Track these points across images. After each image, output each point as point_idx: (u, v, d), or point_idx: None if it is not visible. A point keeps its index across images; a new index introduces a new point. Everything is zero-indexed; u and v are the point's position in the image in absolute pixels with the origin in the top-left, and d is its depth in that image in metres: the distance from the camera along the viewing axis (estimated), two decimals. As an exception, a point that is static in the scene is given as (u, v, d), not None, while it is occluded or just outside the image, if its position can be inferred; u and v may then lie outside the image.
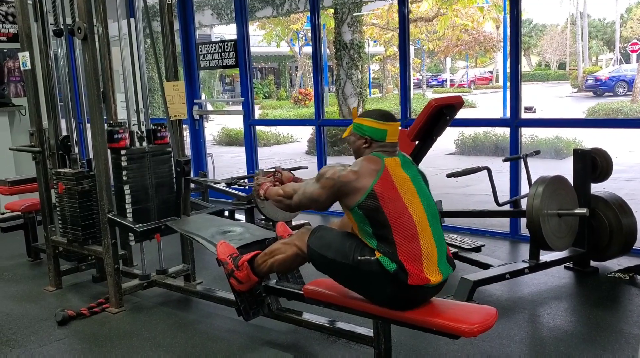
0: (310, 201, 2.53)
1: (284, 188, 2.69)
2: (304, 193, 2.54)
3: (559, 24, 39.78)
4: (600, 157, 3.93)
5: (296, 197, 2.58)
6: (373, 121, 2.46)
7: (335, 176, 2.40)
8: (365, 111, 2.58)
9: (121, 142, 3.51)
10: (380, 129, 2.45)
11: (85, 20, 3.35)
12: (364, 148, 2.48)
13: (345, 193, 2.38)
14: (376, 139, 2.45)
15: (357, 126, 2.50)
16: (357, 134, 2.50)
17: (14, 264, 4.72)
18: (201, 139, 7.00)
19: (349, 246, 2.41)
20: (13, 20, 6.23)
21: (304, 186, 2.57)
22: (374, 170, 2.37)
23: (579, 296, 3.63)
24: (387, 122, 2.46)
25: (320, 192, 2.46)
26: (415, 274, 2.29)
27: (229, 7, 10.06)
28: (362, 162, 2.41)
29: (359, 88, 11.60)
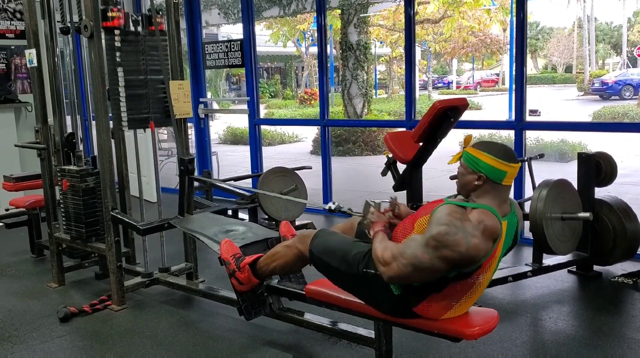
0: (421, 272, 2.07)
1: (384, 250, 2.15)
2: (412, 263, 2.05)
3: (566, 27, 39.69)
4: (605, 161, 3.92)
5: (396, 266, 2.09)
6: (492, 159, 2.11)
7: (462, 249, 1.98)
8: (483, 142, 2.22)
9: (115, 21, 3.44)
10: (500, 170, 2.11)
11: (91, 18, 3.36)
12: (476, 185, 2.14)
13: (467, 266, 2.06)
14: (491, 179, 2.12)
15: (472, 159, 2.15)
16: (470, 169, 2.16)
17: (18, 260, 4.74)
18: (206, 137, 7.01)
19: (353, 255, 2.35)
20: (21, 17, 6.25)
21: (408, 252, 2.08)
22: (493, 239, 2.06)
23: (582, 300, 3.62)
24: (509, 163, 2.12)
25: (437, 264, 2.03)
26: (428, 313, 2.21)
27: (236, 6, 10.07)
28: (486, 224, 2.04)
29: (364, 89, 11.61)
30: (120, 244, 3.64)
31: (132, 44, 3.55)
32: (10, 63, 6.37)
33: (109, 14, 3.40)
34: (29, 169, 5.44)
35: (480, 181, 2.13)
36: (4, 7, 6.26)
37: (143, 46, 3.59)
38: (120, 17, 3.44)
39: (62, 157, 3.97)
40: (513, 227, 2.18)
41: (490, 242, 2.05)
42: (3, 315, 3.60)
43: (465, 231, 2.00)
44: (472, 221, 2.04)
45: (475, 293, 2.22)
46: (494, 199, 2.13)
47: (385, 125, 10.23)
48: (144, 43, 3.59)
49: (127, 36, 3.52)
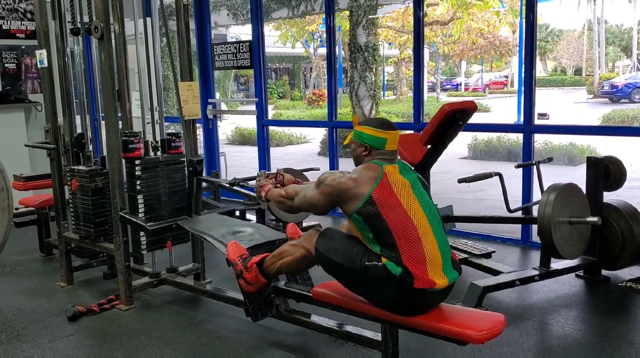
0: (310, 205, 2.60)
1: (287, 189, 2.74)
2: (304, 196, 2.61)
3: (575, 30, 39.52)
4: (614, 165, 3.90)
5: (297, 199, 2.65)
6: (373, 130, 2.51)
7: (334, 183, 2.45)
8: (365, 119, 2.61)
9: (136, 152, 3.55)
10: (380, 137, 2.49)
11: (102, 20, 3.38)
12: (364, 155, 2.53)
13: (344, 200, 2.43)
14: (376, 148, 2.50)
15: (357, 134, 2.55)
16: (357, 142, 2.55)
17: (27, 259, 4.77)
18: (214, 138, 7.03)
19: (356, 251, 2.42)
20: (31, 18, 6.30)
21: (304, 190, 2.63)
22: (372, 177, 2.40)
23: (590, 305, 3.61)
24: (386, 131, 2.50)
25: (319, 198, 2.52)
26: (421, 277, 2.30)
27: (245, 7, 10.09)
28: (361, 169, 2.46)
29: (372, 90, 11.59)
30: (128, 244, 3.66)
31: (152, 170, 3.64)
32: (21, 63, 6.42)
33: (130, 146, 3.52)
34: (39, 169, 5.48)
35: (367, 151, 2.52)
36: (15, 8, 6.31)
37: (162, 171, 3.68)
38: (140, 148, 3.56)
39: (72, 157, 4.00)
40: (407, 168, 2.52)
41: (367, 180, 2.39)
42: (12, 314, 3.63)
43: (338, 174, 2.49)
44: (351, 171, 2.48)
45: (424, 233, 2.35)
46: (381, 159, 2.49)
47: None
48: (164, 167, 3.68)
49: (147, 164, 3.61)
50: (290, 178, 2.97)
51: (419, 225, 2.36)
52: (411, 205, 2.39)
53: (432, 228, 2.39)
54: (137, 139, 3.55)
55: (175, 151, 3.75)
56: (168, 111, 9.61)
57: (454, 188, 6.78)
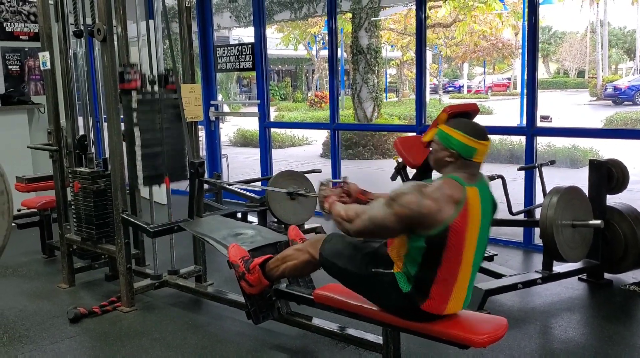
0: (379, 228, 2.22)
1: (347, 209, 2.34)
2: (371, 218, 2.22)
3: (578, 32, 39.51)
4: (616, 168, 3.89)
5: (359, 222, 2.25)
6: (464, 136, 2.19)
7: (414, 206, 2.10)
8: (457, 120, 2.31)
9: (132, 83, 3.50)
10: (471, 146, 2.19)
11: (104, 22, 3.39)
12: (447, 161, 2.22)
13: (421, 225, 2.13)
14: (463, 156, 2.19)
15: (445, 136, 2.23)
16: (442, 145, 2.23)
17: (29, 260, 4.77)
18: (216, 140, 7.04)
19: (362, 256, 2.38)
20: (35, 20, 6.31)
21: (370, 210, 2.25)
22: (455, 201, 2.12)
23: (592, 308, 3.60)
24: (479, 140, 2.19)
25: (392, 220, 2.16)
26: (433, 306, 2.24)
27: (247, 10, 10.10)
28: (443, 188, 2.14)
29: (374, 92, 11.60)
30: (130, 246, 3.66)
31: (149, 104, 3.61)
32: (24, 65, 6.43)
33: (126, 76, 3.48)
34: (41, 171, 5.48)
35: (452, 157, 2.21)
36: (19, 10, 6.32)
37: (159, 106, 3.65)
38: (137, 79, 3.51)
39: (74, 159, 4.00)
40: (487, 192, 2.26)
41: (450, 204, 2.12)
42: (14, 315, 3.63)
43: (421, 193, 2.13)
44: (430, 187, 2.16)
45: (465, 270, 2.22)
46: (464, 174, 2.21)
47: (395, 130, 10.22)
48: (160, 103, 3.65)
49: (144, 97, 3.59)
50: (356, 188, 2.66)
51: (465, 267, 2.22)
52: (470, 244, 2.19)
53: (473, 267, 2.26)
54: (134, 71, 3.50)
55: (173, 86, 3.70)
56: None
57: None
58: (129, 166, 3.58)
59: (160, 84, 3.68)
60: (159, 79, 3.68)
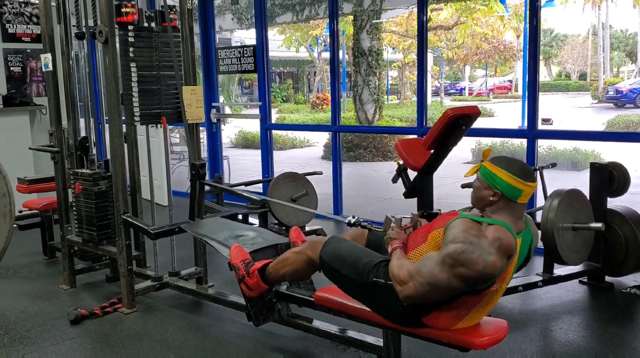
0: (438, 291, 2.07)
1: (400, 267, 2.15)
2: (429, 281, 2.05)
3: (580, 34, 39.50)
4: (618, 171, 3.89)
5: (413, 286, 2.09)
6: (510, 177, 2.10)
7: (480, 268, 1.99)
8: (501, 158, 2.21)
9: (129, 17, 3.47)
10: (516, 188, 2.11)
11: (106, 24, 3.39)
12: (490, 200, 2.14)
13: (483, 282, 2.07)
14: (507, 197, 2.11)
15: (489, 175, 2.14)
16: (486, 184, 2.15)
17: (30, 261, 4.78)
18: (218, 142, 7.04)
19: (364, 264, 2.36)
20: (37, 22, 6.32)
21: (425, 271, 2.07)
22: (508, 256, 2.06)
23: (593, 311, 3.59)
24: (526, 182, 2.11)
25: (455, 283, 2.03)
26: (434, 324, 2.22)
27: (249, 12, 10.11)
28: (502, 241, 2.03)
29: (376, 94, 11.61)
30: (131, 247, 3.66)
31: (146, 40, 3.58)
32: (26, 66, 6.44)
33: (123, 9, 3.44)
34: (43, 172, 5.49)
35: (495, 197, 2.12)
36: (21, 12, 6.33)
37: (156, 42, 3.61)
38: (134, 12, 3.47)
39: (76, 160, 4.01)
40: (527, 244, 2.18)
41: (505, 259, 2.05)
42: (15, 316, 3.63)
43: (482, 248, 2.00)
44: (488, 238, 2.03)
45: (487, 305, 2.22)
46: (509, 216, 2.12)
47: (396, 132, 10.22)
48: (157, 39, 3.62)
49: (141, 32, 3.55)
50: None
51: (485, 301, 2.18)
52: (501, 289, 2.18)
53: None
54: (131, 4, 3.47)
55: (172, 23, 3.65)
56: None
57: (457, 193, 6.76)
58: (124, 103, 3.53)
59: (157, 21, 3.64)
60: (156, 15, 3.65)
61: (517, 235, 2.11)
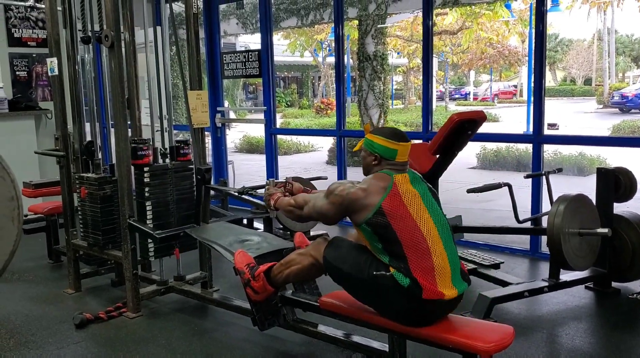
0: (319, 215, 2.58)
1: (296, 198, 2.72)
2: (314, 206, 2.59)
3: (585, 39, 39.46)
4: (624, 176, 3.87)
5: (306, 209, 2.63)
6: (384, 140, 2.48)
7: (343, 193, 2.44)
8: (377, 128, 2.62)
9: (145, 159, 3.56)
10: (391, 148, 2.47)
11: (112, 29, 3.41)
12: (373, 164, 2.51)
13: (354, 210, 2.42)
14: (386, 158, 2.48)
15: (369, 142, 2.53)
16: (368, 151, 2.53)
17: (35, 265, 4.79)
18: (223, 146, 7.05)
19: (364, 260, 2.42)
20: (43, 26, 6.35)
21: (314, 199, 2.61)
22: (382, 187, 2.39)
23: (599, 317, 3.57)
24: (398, 142, 2.48)
25: (328, 208, 2.51)
26: (429, 288, 2.29)
27: (254, 16, 10.15)
28: (371, 179, 2.45)
29: (381, 99, 11.59)
30: (136, 252, 3.66)
31: (160, 177, 3.65)
32: (32, 71, 6.47)
33: (139, 152, 3.53)
34: (48, 176, 5.51)
35: (377, 161, 2.49)
36: (27, 16, 6.37)
37: (171, 178, 3.69)
38: (149, 154, 3.58)
39: (81, 164, 4.02)
40: (418, 178, 2.51)
41: (377, 190, 2.38)
42: (20, 320, 3.63)
43: (348, 184, 2.48)
44: (362, 181, 2.48)
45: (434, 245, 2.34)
46: (391, 168, 2.47)
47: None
48: (172, 175, 3.70)
49: (156, 171, 3.63)
50: (299, 186, 2.97)
51: (429, 236, 2.34)
52: (421, 216, 2.37)
53: (442, 239, 2.38)
54: (146, 146, 3.57)
55: (184, 158, 3.77)
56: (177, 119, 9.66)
57: (462, 198, 6.76)
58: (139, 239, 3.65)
59: (172, 157, 3.74)
60: (171, 152, 3.75)
61: (400, 173, 2.44)
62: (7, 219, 3.72)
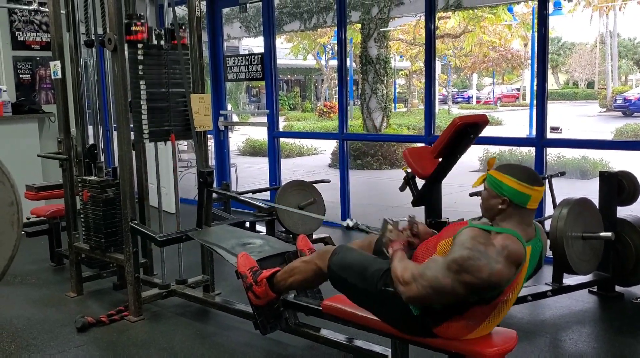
0: (441, 295, 2.07)
1: (404, 269, 2.16)
2: (432, 285, 2.06)
3: (588, 43, 39.42)
4: (627, 180, 3.86)
5: (416, 288, 2.10)
6: (516, 183, 2.10)
7: (485, 275, 1.98)
8: (507, 165, 2.21)
9: (138, 35, 3.49)
10: (524, 193, 2.10)
11: (115, 32, 3.41)
12: (499, 209, 2.13)
13: (489, 290, 2.06)
14: (515, 203, 2.11)
15: (495, 182, 2.14)
16: (494, 192, 2.14)
17: (38, 268, 4.79)
18: (225, 149, 7.05)
19: (372, 272, 2.35)
20: (46, 30, 6.37)
21: (429, 274, 2.08)
22: (517, 265, 2.06)
23: (603, 321, 3.55)
24: (532, 186, 2.10)
25: (459, 288, 2.03)
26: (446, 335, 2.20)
27: (257, 20, 10.16)
28: (510, 249, 2.03)
29: (383, 102, 11.61)
30: (138, 255, 3.66)
31: (155, 57, 3.60)
32: (35, 74, 6.49)
33: (132, 27, 3.46)
34: (51, 179, 5.51)
35: (504, 204, 2.12)
36: (31, 20, 6.38)
37: (165, 60, 3.63)
38: (143, 31, 3.49)
39: (84, 167, 4.02)
40: (537, 252, 2.17)
41: (513, 268, 2.04)
42: (22, 324, 3.63)
43: (488, 256, 2.00)
44: (496, 247, 2.02)
45: (497, 315, 2.21)
46: (519, 224, 2.12)
47: (404, 140, 10.20)
48: (167, 57, 3.63)
49: (150, 50, 3.57)
50: (426, 230, 2.50)
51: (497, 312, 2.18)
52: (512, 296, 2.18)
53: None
54: (140, 22, 3.48)
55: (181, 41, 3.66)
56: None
57: (465, 201, 6.73)
58: (134, 120, 3.55)
59: (166, 38, 3.66)
60: (165, 33, 3.66)
61: (527, 243, 2.10)
62: (7, 224, 3.71)
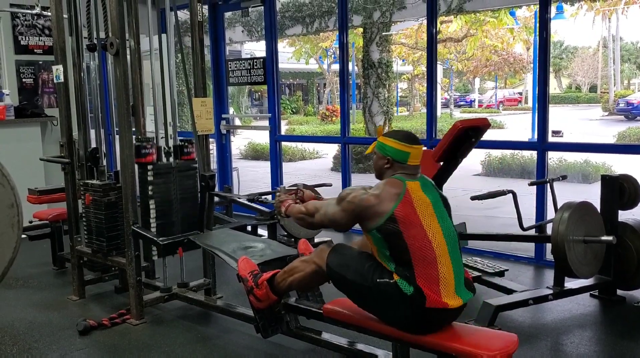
0: (331, 222, 2.55)
1: (306, 205, 2.69)
2: (325, 213, 2.55)
3: (590, 47, 39.40)
4: (629, 183, 3.86)
5: (318, 216, 2.60)
6: (396, 142, 2.47)
7: (356, 200, 2.41)
8: (390, 131, 2.62)
9: (148, 157, 3.57)
10: (403, 151, 2.46)
11: (117, 36, 3.43)
12: (386, 168, 2.50)
13: (366, 217, 2.39)
14: (398, 161, 2.47)
15: (381, 145, 2.51)
16: (380, 154, 2.51)
17: (40, 272, 4.80)
18: (227, 153, 7.06)
19: (367, 267, 2.41)
20: (49, 34, 6.39)
21: (325, 206, 2.58)
22: (395, 194, 2.37)
23: (605, 325, 3.55)
24: (410, 145, 2.47)
25: (341, 215, 2.48)
26: (433, 298, 2.29)
27: (259, 24, 10.19)
28: (384, 186, 2.41)
29: (385, 106, 11.61)
30: (140, 258, 3.66)
31: (164, 175, 3.67)
32: (38, 78, 6.51)
33: (142, 151, 3.54)
34: (53, 183, 5.53)
35: (388, 164, 2.49)
36: (33, 24, 6.41)
37: (175, 177, 3.70)
38: (153, 153, 3.59)
39: (86, 171, 4.03)
40: (429, 185, 2.49)
41: (390, 197, 2.35)
42: (24, 327, 3.64)
43: (361, 190, 2.44)
44: (374, 187, 2.44)
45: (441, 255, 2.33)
46: (403, 173, 2.46)
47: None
48: (175, 174, 3.71)
49: (160, 170, 3.65)
50: (310, 193, 2.95)
51: (437, 246, 2.34)
52: (431, 225, 2.36)
53: (449, 248, 2.37)
54: (149, 144, 3.57)
55: (188, 156, 3.77)
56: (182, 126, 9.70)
57: (467, 205, 6.72)
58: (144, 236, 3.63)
59: (175, 155, 3.75)
60: (175, 150, 3.75)
61: (411, 179, 2.43)
62: (7, 226, 3.72)
